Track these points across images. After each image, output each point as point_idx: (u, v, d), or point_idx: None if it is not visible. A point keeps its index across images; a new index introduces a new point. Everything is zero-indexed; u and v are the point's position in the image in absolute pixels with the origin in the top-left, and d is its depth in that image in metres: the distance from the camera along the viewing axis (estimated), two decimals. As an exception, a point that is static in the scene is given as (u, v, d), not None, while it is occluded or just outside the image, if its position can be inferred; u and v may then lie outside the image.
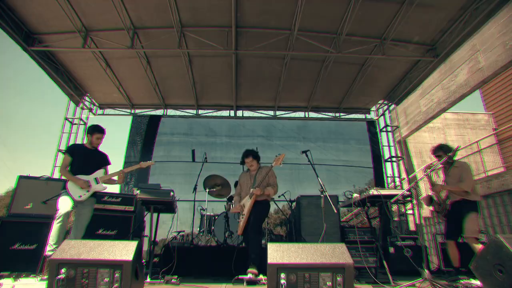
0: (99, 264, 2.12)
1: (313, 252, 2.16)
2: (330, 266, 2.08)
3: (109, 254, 2.18)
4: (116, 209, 5.05)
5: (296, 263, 2.08)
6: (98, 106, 9.27)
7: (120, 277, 2.10)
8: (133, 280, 2.16)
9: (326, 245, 2.25)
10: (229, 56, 7.24)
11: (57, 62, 7.17)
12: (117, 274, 2.10)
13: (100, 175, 4.00)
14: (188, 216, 7.44)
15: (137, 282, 2.29)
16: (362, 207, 3.84)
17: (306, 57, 7.42)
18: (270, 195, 4.35)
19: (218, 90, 8.76)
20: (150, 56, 7.36)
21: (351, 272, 2.07)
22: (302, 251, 2.17)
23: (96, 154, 4.16)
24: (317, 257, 2.13)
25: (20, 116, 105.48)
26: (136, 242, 2.32)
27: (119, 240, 2.28)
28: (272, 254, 2.15)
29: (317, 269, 2.07)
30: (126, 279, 2.09)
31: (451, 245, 4.08)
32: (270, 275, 2.06)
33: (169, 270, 4.25)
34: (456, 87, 8.17)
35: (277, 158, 4.14)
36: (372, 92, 8.93)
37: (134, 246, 2.28)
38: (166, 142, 9.07)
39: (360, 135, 9.30)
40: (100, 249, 2.21)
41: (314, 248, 2.21)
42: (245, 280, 3.54)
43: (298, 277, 2.05)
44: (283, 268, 2.06)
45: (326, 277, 2.06)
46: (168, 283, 3.54)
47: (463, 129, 12.43)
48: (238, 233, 4.28)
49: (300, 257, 2.12)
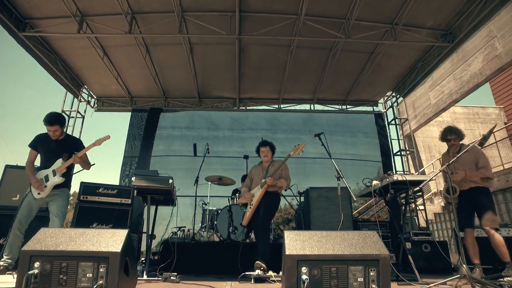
0: (80, 257, 1.77)
1: (340, 242, 1.80)
2: (361, 258, 1.72)
3: (92, 244, 1.82)
4: (112, 202, 4.70)
5: (320, 255, 1.72)
6: (96, 98, 8.93)
7: (106, 272, 1.74)
8: (122, 276, 1.81)
9: (355, 232, 1.89)
10: (232, 44, 6.89)
11: (52, 50, 6.83)
12: (102, 269, 1.75)
13: (57, 165, 3.64)
14: (189, 212, 7.10)
15: (128, 278, 1.94)
16: (384, 195, 3.47)
17: (313, 44, 7.07)
18: (283, 187, 4.11)
19: (220, 81, 8.41)
20: (149, 44, 7.01)
21: (387, 265, 1.71)
22: (326, 240, 1.80)
23: (62, 144, 3.79)
24: (345, 247, 1.77)
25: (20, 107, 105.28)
26: (126, 230, 1.97)
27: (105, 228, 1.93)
28: (290, 243, 1.78)
29: (346, 261, 1.71)
30: (113, 274, 1.74)
31: (470, 234, 3.71)
32: (288, 269, 1.69)
33: (168, 267, 3.90)
34: (470, 76, 7.79)
35: (296, 148, 3.92)
36: (381, 83, 8.56)
37: (124, 235, 1.92)
38: (166, 136, 8.74)
39: (368, 128, 8.94)
40: (82, 239, 1.86)
41: (341, 236, 1.84)
42: (252, 277, 3.19)
43: (322, 272, 1.69)
44: (305, 260, 1.70)
45: (357, 271, 1.70)
46: (167, 280, 3.19)
47: (473, 123, 12.01)
48: (243, 223, 3.96)
49: (325, 247, 1.76)
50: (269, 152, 4.31)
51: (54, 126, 3.67)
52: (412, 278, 3.17)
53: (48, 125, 3.66)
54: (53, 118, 3.68)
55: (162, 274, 3.23)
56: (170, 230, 5.21)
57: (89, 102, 8.70)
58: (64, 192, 3.76)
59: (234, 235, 5.31)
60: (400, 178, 3.18)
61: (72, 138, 4.18)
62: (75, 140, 4.10)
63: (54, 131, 3.69)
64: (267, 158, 4.31)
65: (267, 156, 4.30)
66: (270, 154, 4.33)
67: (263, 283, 3.18)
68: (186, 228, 5.86)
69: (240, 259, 4.02)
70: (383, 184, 3.40)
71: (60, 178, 3.59)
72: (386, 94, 9.23)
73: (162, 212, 5.38)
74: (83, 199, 4.57)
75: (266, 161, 4.33)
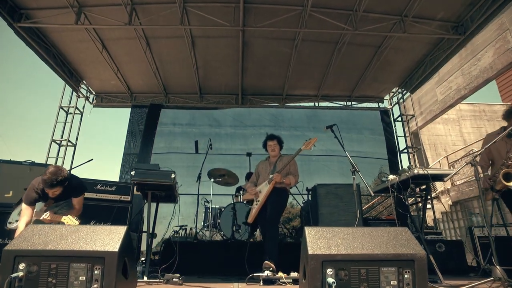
0: (72, 257, 1.55)
1: (369, 239, 1.58)
2: (394, 258, 1.50)
3: (86, 243, 1.60)
4: (110, 199, 4.48)
5: (348, 254, 1.50)
6: (95, 94, 8.71)
7: (102, 274, 1.53)
8: (119, 278, 1.59)
9: (385, 229, 1.67)
10: (235, 37, 6.68)
11: (49, 43, 6.61)
12: (96, 271, 1.53)
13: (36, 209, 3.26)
14: (191, 211, 6.89)
15: (127, 281, 1.72)
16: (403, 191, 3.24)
17: (318, 38, 6.86)
18: (291, 184, 3.91)
19: (222, 76, 8.18)
20: (149, 37, 6.78)
21: (424, 266, 1.50)
22: (353, 238, 1.58)
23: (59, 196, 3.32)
24: (375, 245, 1.55)
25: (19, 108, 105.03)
26: (125, 227, 1.75)
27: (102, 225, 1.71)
28: (313, 241, 1.56)
29: (377, 262, 1.50)
30: (110, 276, 1.52)
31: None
32: (311, 271, 1.47)
33: (170, 268, 3.69)
34: (479, 71, 7.56)
35: (308, 142, 3.74)
36: (387, 78, 8.34)
37: (122, 232, 1.70)
38: (167, 133, 8.51)
39: (374, 125, 8.72)
40: (74, 237, 1.64)
41: (370, 233, 1.62)
42: (261, 278, 2.97)
43: (350, 274, 1.47)
44: (331, 261, 1.48)
45: (390, 273, 1.49)
46: (169, 282, 2.97)
47: (479, 120, 11.79)
48: (248, 220, 3.75)
49: (353, 246, 1.54)
50: (276, 146, 4.11)
51: (55, 188, 3.12)
52: (433, 280, 2.95)
53: (48, 188, 3.10)
54: (55, 183, 3.05)
55: (164, 276, 3.01)
56: (172, 229, 4.98)
57: (87, 98, 8.48)
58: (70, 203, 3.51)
59: (238, 234, 5.10)
60: (421, 171, 2.96)
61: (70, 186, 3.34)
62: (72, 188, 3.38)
63: (54, 192, 3.16)
64: (274, 152, 4.11)
65: (275, 150, 4.10)
66: (277, 148, 4.13)
67: (272, 285, 2.97)
68: (188, 227, 5.63)
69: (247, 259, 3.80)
70: (402, 179, 3.18)
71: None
72: (392, 90, 9.02)
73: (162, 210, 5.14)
74: (80, 196, 4.34)
75: (273, 155, 4.13)
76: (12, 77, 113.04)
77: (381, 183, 3.68)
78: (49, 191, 3.13)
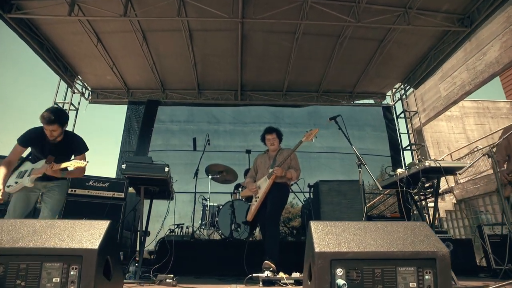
0: (45, 255, 1.35)
1: (384, 235, 1.38)
2: (413, 256, 1.31)
3: (62, 240, 1.40)
4: (103, 196, 4.28)
5: (361, 252, 1.31)
6: (91, 90, 8.51)
7: (79, 275, 1.33)
8: (100, 279, 1.40)
9: (401, 223, 1.47)
10: (234, 30, 6.48)
11: (42, 36, 6.39)
12: (73, 271, 1.34)
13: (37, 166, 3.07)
14: (189, 210, 6.70)
15: (109, 283, 1.53)
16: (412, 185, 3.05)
17: (320, 31, 6.66)
18: (292, 179, 3.75)
19: (221, 72, 7.98)
20: (146, 30, 6.58)
21: (447, 266, 1.30)
22: (366, 234, 1.39)
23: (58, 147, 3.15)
24: (391, 242, 1.35)
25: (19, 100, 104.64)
26: (108, 222, 1.56)
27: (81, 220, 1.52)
28: (320, 237, 1.36)
29: (394, 260, 1.30)
30: (88, 277, 1.33)
31: None
32: (319, 272, 1.27)
33: (165, 268, 3.49)
34: (485, 66, 7.37)
35: (309, 133, 3.57)
36: (390, 73, 8.15)
37: (104, 227, 1.51)
38: (164, 130, 8.33)
39: (376, 122, 8.53)
40: (49, 233, 1.44)
41: (384, 228, 1.42)
42: (260, 279, 2.78)
43: (363, 274, 1.28)
44: (341, 260, 1.29)
45: (408, 273, 1.29)
46: (162, 283, 2.78)
47: (483, 117, 11.60)
48: (247, 218, 3.56)
49: (365, 243, 1.34)
50: (275, 140, 3.94)
51: (52, 125, 2.96)
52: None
53: (45, 124, 2.95)
54: (53, 115, 2.93)
55: (156, 276, 2.82)
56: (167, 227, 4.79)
57: (83, 94, 8.28)
58: (63, 184, 3.30)
59: (237, 233, 4.90)
60: (433, 164, 2.77)
61: (72, 138, 3.30)
62: (75, 141, 3.28)
63: (52, 131, 2.99)
64: (273, 146, 3.93)
65: (274, 144, 3.92)
66: (277, 142, 3.96)
67: (273, 286, 2.78)
68: (184, 226, 5.44)
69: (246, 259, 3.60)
70: (411, 172, 2.98)
71: (30, 182, 2.99)
72: (395, 86, 8.84)
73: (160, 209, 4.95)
74: (71, 192, 4.15)
75: (273, 149, 3.95)
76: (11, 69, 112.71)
77: (388, 178, 3.48)
78: (48, 128, 2.98)
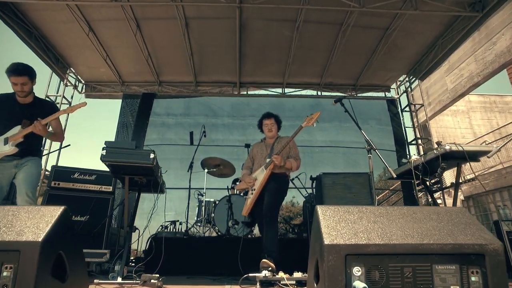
0: (-31, 250, 1.04)
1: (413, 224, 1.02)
2: (454, 250, 0.98)
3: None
4: (89, 189, 3.97)
5: (385, 245, 0.98)
6: (84, 83, 8.20)
7: (14, 276, 1.02)
8: (47, 282, 1.08)
9: (434, 209, 1.13)
10: (232, 18, 6.17)
11: (30, 23, 6.08)
12: (6, 272, 1.02)
13: (13, 133, 2.93)
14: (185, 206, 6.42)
15: (65, 285, 1.21)
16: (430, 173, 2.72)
17: (322, 19, 6.33)
18: (292, 169, 3.48)
19: (219, 63, 7.67)
20: (140, 18, 6.26)
21: (500, 263, 0.98)
22: (390, 221, 1.04)
23: (29, 108, 3.07)
24: (424, 232, 1.01)
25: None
26: (61, 208, 1.25)
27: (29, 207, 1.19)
28: (331, 226, 1.02)
29: (429, 256, 0.97)
30: (27, 279, 1.01)
31: None
32: (330, 271, 0.94)
33: (155, 268, 3.18)
34: (495, 56, 7.04)
35: (309, 118, 3.33)
36: (394, 65, 7.81)
37: (56, 214, 1.19)
38: (160, 124, 8.03)
39: (381, 115, 8.21)
40: (-20, 222, 1.13)
41: (412, 215, 1.07)
42: (258, 279, 2.46)
43: (389, 274, 0.95)
44: (359, 255, 0.96)
45: (448, 273, 0.97)
46: (147, 284, 2.46)
47: (490, 112, 11.24)
48: (243, 213, 3.25)
49: (390, 233, 1.00)
50: (274, 126, 3.68)
51: (22, 77, 2.92)
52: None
53: (14, 76, 2.90)
54: (21, 67, 2.92)
55: (140, 276, 2.50)
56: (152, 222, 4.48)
57: (76, 87, 7.97)
58: (36, 161, 3.07)
59: (234, 230, 4.58)
60: (454, 148, 2.44)
61: (43, 101, 3.40)
62: (46, 104, 3.36)
63: (22, 85, 2.94)
64: (271, 133, 3.65)
65: (272, 130, 3.65)
66: (275, 128, 3.69)
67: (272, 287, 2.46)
68: (178, 223, 5.12)
69: (240, 256, 3.28)
70: (429, 158, 2.66)
71: (12, 148, 2.86)
72: (399, 79, 8.52)
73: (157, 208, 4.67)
74: (54, 185, 3.84)
75: (270, 136, 3.66)
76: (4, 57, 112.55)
77: (404, 165, 3.16)
78: (17, 81, 2.91)
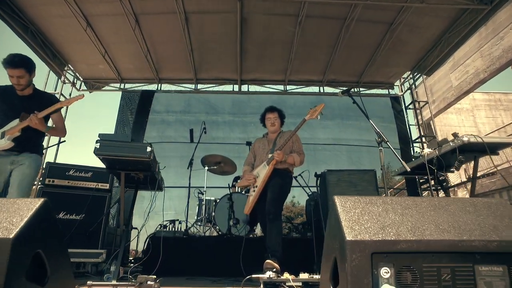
0: None
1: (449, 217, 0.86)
2: (500, 249, 0.83)
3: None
4: (85, 187, 3.83)
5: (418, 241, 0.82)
6: (83, 81, 8.07)
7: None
8: (20, 285, 0.93)
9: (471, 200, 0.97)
10: (232, 12, 6.03)
11: (26, 18, 5.95)
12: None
13: (10, 126, 2.81)
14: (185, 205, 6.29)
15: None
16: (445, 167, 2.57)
17: (325, 13, 6.19)
18: (295, 164, 3.33)
19: (220, 60, 7.52)
20: (138, 13, 6.12)
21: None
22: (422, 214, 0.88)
23: (28, 100, 2.94)
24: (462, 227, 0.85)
25: None
26: (40, 200, 1.11)
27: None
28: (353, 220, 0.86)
29: (470, 255, 0.82)
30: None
31: None
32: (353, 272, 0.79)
33: (153, 268, 3.04)
34: (502, 51, 6.87)
35: (313, 110, 3.23)
36: (399, 61, 7.65)
37: (33, 208, 1.05)
38: (160, 121, 7.89)
39: (385, 112, 8.05)
40: None
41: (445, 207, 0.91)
42: (261, 281, 2.31)
43: (423, 276, 0.80)
44: (387, 253, 0.80)
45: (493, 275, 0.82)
46: (143, 286, 2.32)
47: (494, 110, 11.07)
48: (245, 211, 3.10)
49: (423, 228, 0.85)
50: (277, 120, 3.57)
51: (18, 70, 2.78)
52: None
53: (10, 68, 2.76)
54: (18, 59, 2.77)
55: (136, 278, 2.35)
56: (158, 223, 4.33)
57: (74, 84, 7.84)
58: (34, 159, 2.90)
59: (235, 229, 4.44)
60: (473, 139, 2.28)
61: (43, 93, 3.25)
62: (45, 96, 3.20)
63: (18, 78, 2.81)
64: (274, 127, 3.53)
65: (275, 124, 3.53)
66: (278, 123, 3.58)
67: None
68: (177, 222, 4.97)
69: (242, 257, 3.13)
70: (444, 151, 2.50)
71: (8, 142, 2.73)
72: (403, 76, 8.37)
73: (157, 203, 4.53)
74: (48, 182, 3.70)
75: (273, 131, 3.54)
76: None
77: (417, 159, 3.00)
78: (13, 74, 2.78)
